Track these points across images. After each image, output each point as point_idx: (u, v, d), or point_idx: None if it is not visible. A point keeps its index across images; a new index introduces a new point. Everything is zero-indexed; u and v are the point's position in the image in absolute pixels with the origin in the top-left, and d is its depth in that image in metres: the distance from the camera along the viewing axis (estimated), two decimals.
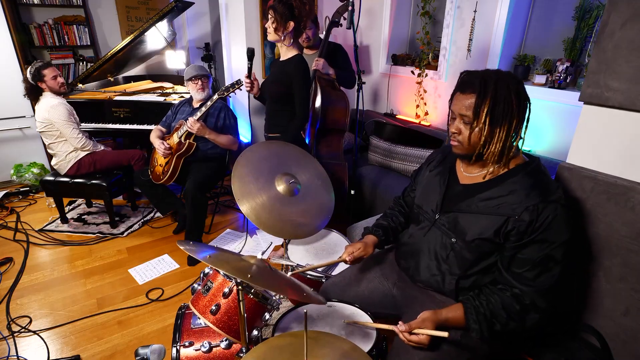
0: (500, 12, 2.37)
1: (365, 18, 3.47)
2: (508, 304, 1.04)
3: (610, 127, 1.20)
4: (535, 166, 1.08)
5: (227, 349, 1.22)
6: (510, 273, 1.06)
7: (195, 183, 2.43)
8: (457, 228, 1.13)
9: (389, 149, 2.70)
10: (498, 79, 1.01)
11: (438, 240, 1.19)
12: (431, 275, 1.20)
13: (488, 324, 1.05)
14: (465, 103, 1.04)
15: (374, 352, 1.14)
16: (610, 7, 1.13)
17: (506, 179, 1.07)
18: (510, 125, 1.02)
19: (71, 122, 2.61)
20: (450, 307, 1.11)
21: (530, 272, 1.02)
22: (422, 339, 1.04)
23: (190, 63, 4.55)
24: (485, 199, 1.08)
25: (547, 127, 2.29)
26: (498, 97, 1.00)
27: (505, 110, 1.00)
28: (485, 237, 1.06)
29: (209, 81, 2.64)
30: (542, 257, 1.01)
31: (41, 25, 3.69)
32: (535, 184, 1.03)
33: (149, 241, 2.76)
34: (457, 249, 1.14)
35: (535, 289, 1.02)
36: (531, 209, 0.99)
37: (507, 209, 1.03)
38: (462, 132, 1.08)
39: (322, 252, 1.71)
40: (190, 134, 2.54)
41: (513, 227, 1.02)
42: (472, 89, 1.02)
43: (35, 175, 3.46)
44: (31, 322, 1.98)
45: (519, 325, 1.04)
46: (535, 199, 1.00)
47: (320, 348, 0.96)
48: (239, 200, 1.39)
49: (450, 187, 1.20)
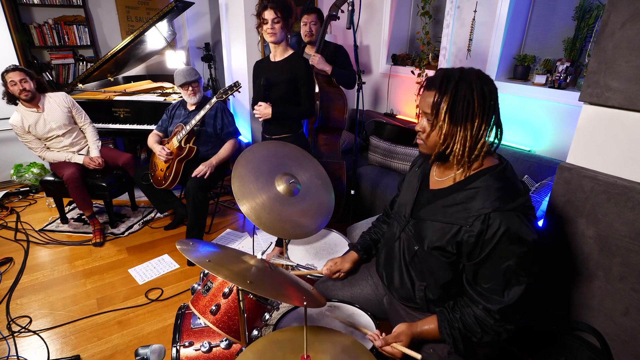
0: (500, 12, 2.37)
1: (365, 18, 3.47)
2: (481, 317, 0.99)
3: (610, 127, 1.20)
4: (502, 169, 1.01)
5: (227, 349, 1.22)
6: (476, 289, 1.01)
7: (197, 183, 2.43)
8: (420, 235, 1.10)
9: (389, 149, 2.70)
10: (461, 78, 0.95)
11: (405, 246, 1.17)
12: (402, 284, 1.18)
13: (463, 338, 1.02)
14: (428, 100, 1.00)
15: (374, 351, 1.14)
16: (610, 7, 1.13)
17: (468, 184, 1.01)
18: (472, 125, 0.96)
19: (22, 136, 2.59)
20: (425, 320, 1.09)
21: (497, 287, 0.97)
22: (395, 352, 1.04)
23: (190, 63, 4.56)
24: (445, 206, 1.04)
25: (547, 127, 2.29)
26: (458, 95, 0.94)
27: (465, 110, 0.95)
28: (439, 245, 1.03)
29: (200, 84, 2.61)
30: (505, 271, 0.95)
31: (41, 25, 3.69)
32: (497, 190, 0.97)
33: (149, 241, 2.76)
34: (420, 257, 1.11)
35: (505, 304, 0.96)
36: (482, 219, 0.94)
37: (461, 217, 0.99)
38: (425, 130, 1.04)
39: (322, 252, 1.71)
40: (190, 138, 2.54)
41: (462, 239, 0.97)
42: (434, 86, 0.98)
43: (35, 175, 3.46)
44: (31, 322, 1.98)
45: (494, 337, 1.00)
46: (489, 207, 0.94)
47: (320, 343, 0.95)
48: (239, 200, 1.39)
49: (420, 192, 1.17)
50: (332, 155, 2.62)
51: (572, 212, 1.30)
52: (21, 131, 2.55)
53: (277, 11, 1.86)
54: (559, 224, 1.34)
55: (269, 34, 1.92)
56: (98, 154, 2.76)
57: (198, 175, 2.44)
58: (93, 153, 2.77)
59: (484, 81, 0.97)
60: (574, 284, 1.33)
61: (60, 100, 2.66)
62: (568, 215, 1.31)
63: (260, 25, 1.94)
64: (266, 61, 2.12)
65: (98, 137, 2.84)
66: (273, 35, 1.91)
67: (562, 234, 1.34)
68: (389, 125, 2.76)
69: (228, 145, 2.63)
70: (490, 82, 0.99)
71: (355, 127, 2.40)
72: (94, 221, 2.74)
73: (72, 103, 2.73)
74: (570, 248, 1.32)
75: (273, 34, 1.91)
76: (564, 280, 1.36)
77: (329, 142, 2.63)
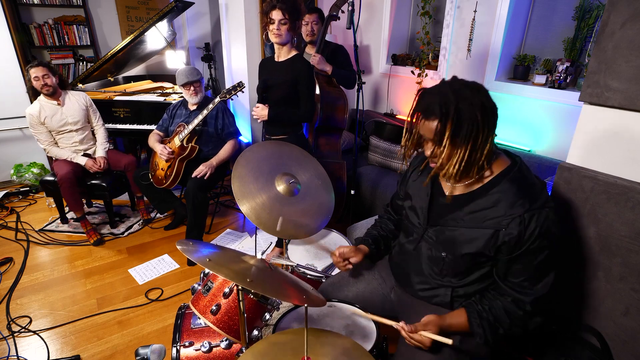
0: (500, 12, 2.37)
1: (365, 18, 3.47)
2: (510, 309, 1.04)
3: (610, 127, 1.20)
4: (517, 170, 1.05)
5: (227, 349, 1.22)
6: (507, 283, 1.05)
7: (197, 183, 2.43)
8: (446, 242, 1.10)
9: (389, 149, 2.70)
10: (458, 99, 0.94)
11: (428, 253, 1.17)
12: (424, 289, 1.19)
13: (492, 329, 1.05)
14: (430, 128, 0.98)
15: (374, 352, 1.14)
16: (610, 7, 1.13)
17: (490, 189, 1.04)
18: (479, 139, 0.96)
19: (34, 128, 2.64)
20: (452, 313, 1.10)
21: (528, 281, 1.02)
22: (424, 340, 1.04)
23: (190, 63, 4.56)
24: (471, 212, 1.06)
25: (547, 127, 2.29)
26: (462, 118, 0.94)
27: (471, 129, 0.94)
28: (475, 251, 1.04)
29: (202, 84, 2.62)
30: (537, 265, 1.00)
31: (41, 25, 3.69)
32: (519, 191, 1.00)
33: (149, 241, 2.76)
34: (448, 262, 1.11)
35: (535, 296, 1.02)
36: (518, 221, 0.97)
37: (494, 222, 1.01)
38: (436, 154, 1.02)
39: (322, 252, 1.72)
40: (192, 137, 2.53)
41: (503, 241, 1.00)
42: (434, 115, 0.96)
43: (35, 175, 3.46)
44: (31, 322, 1.98)
45: (522, 329, 1.05)
46: (520, 208, 0.98)
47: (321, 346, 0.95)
48: (239, 200, 1.39)
49: (434, 197, 1.16)
50: (333, 155, 2.62)
51: (572, 212, 1.30)
52: (36, 121, 2.59)
53: (286, 13, 1.82)
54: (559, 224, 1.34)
55: (275, 34, 1.89)
56: (103, 155, 2.78)
57: (198, 175, 2.44)
58: (99, 153, 2.79)
59: (477, 91, 0.96)
60: (574, 284, 1.34)
61: (79, 98, 2.76)
62: (568, 215, 1.31)
63: (267, 24, 1.90)
64: (270, 61, 2.11)
65: (107, 140, 2.87)
66: (278, 36, 1.89)
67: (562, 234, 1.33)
68: (389, 125, 2.76)
69: (228, 145, 2.63)
70: (482, 89, 0.98)
71: (355, 127, 2.40)
72: (85, 222, 2.75)
73: (90, 103, 2.82)
74: (570, 248, 1.32)
75: (278, 35, 1.88)
76: (564, 280, 1.36)
77: (329, 142, 2.63)
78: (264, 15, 1.90)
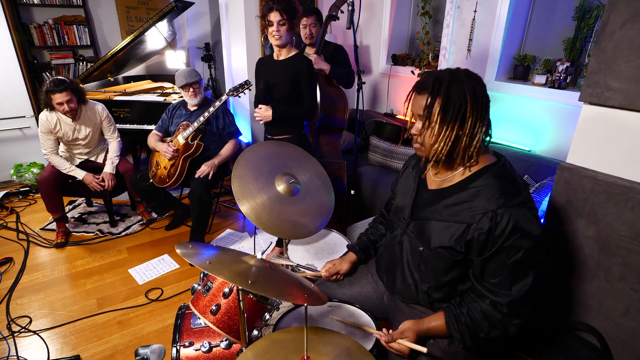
0: (500, 12, 2.37)
1: (365, 18, 3.47)
2: (488, 312, 1.01)
3: (610, 127, 1.20)
4: (501, 166, 1.03)
5: (227, 349, 1.22)
6: (483, 284, 1.02)
7: (202, 183, 2.43)
8: (424, 236, 1.10)
9: (389, 149, 2.70)
10: (452, 79, 0.97)
11: (409, 248, 1.17)
12: (406, 285, 1.18)
13: (470, 333, 1.03)
14: (420, 103, 1.00)
15: (374, 352, 1.14)
16: (610, 7, 1.13)
17: (470, 183, 1.03)
18: (466, 124, 0.97)
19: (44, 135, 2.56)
20: (431, 317, 1.09)
21: (504, 282, 0.98)
22: (402, 348, 1.05)
23: (190, 63, 4.57)
24: (448, 205, 1.05)
25: (547, 127, 2.29)
26: (451, 96, 0.96)
27: (458, 110, 0.96)
28: (447, 245, 1.03)
29: (201, 85, 2.60)
30: (513, 265, 0.96)
31: (41, 25, 3.69)
32: (499, 187, 0.98)
33: (149, 241, 2.76)
34: (425, 258, 1.11)
35: (512, 298, 0.98)
36: (490, 216, 0.95)
37: (467, 216, 0.99)
38: (420, 132, 1.04)
39: (322, 252, 1.71)
40: (197, 135, 2.53)
41: (472, 237, 0.98)
42: (426, 90, 0.99)
43: (35, 175, 3.46)
44: (31, 322, 1.98)
45: (502, 332, 1.02)
46: (494, 204, 0.96)
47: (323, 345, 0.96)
48: (239, 200, 1.39)
49: (419, 192, 1.17)
50: (333, 155, 2.62)
51: (572, 212, 1.30)
52: (46, 128, 2.52)
53: (283, 13, 1.84)
54: (559, 224, 1.34)
55: (275, 37, 1.90)
56: (111, 171, 2.68)
57: (201, 175, 2.44)
58: (107, 169, 2.69)
59: (474, 80, 0.99)
60: (574, 284, 1.34)
61: (95, 113, 2.64)
62: (568, 215, 1.31)
63: (266, 27, 1.92)
64: (269, 60, 2.11)
65: (119, 153, 2.76)
66: (279, 39, 1.91)
67: (562, 234, 1.34)
68: (389, 125, 2.76)
69: (229, 145, 2.63)
70: (480, 80, 1.00)
71: (355, 127, 2.40)
72: (60, 224, 2.73)
73: (106, 115, 2.69)
74: (570, 248, 1.32)
75: (279, 37, 1.90)
76: (564, 280, 1.36)
77: (329, 142, 2.63)
78: (262, 19, 1.92)
